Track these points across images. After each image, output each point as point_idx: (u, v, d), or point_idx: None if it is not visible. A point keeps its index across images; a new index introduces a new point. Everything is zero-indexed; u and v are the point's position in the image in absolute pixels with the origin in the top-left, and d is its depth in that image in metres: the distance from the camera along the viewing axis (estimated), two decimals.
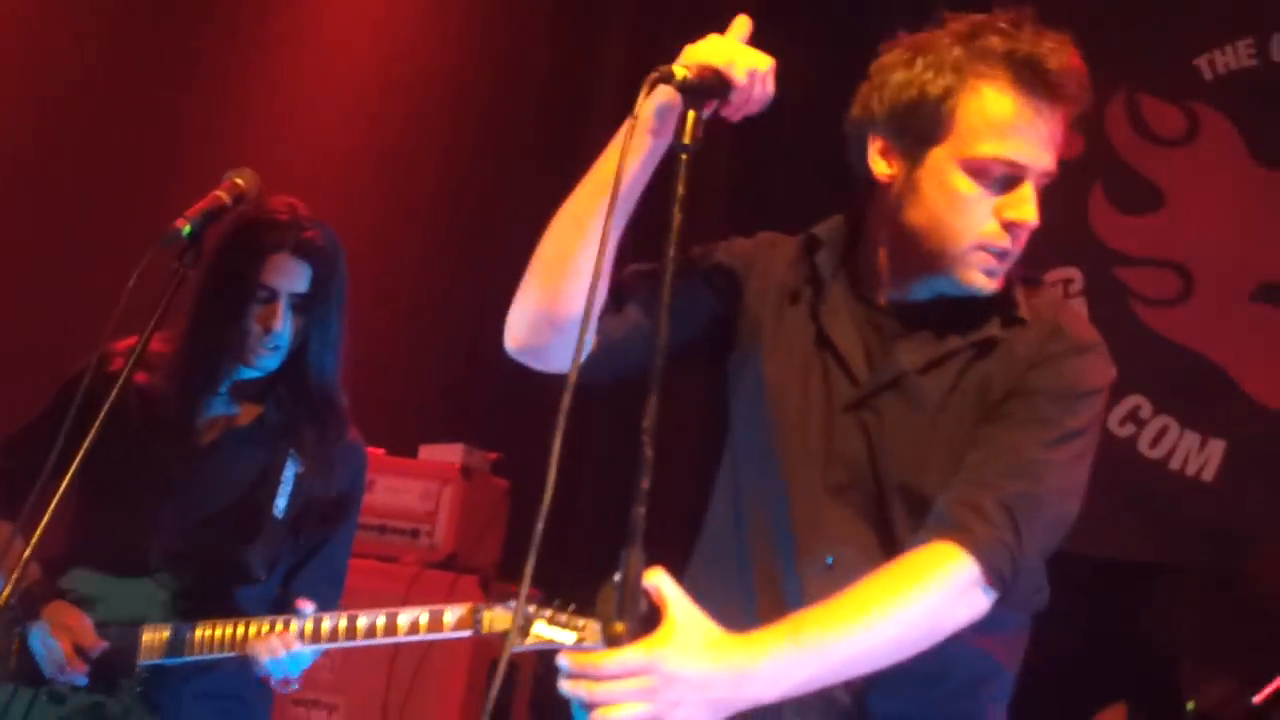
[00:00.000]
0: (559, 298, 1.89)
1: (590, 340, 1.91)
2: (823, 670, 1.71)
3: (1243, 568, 4.00)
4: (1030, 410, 1.88)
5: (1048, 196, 1.95)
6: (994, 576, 1.77)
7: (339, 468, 3.00)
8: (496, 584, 4.39)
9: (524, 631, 2.63)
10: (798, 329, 2.01)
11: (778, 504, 1.97)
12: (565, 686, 1.59)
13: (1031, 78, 1.86)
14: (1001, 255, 1.91)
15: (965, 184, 1.89)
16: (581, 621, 2.65)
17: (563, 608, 2.65)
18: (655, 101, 1.80)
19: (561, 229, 1.91)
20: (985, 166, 1.88)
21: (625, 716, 1.56)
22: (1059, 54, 1.88)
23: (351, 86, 5.42)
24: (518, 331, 1.96)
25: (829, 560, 1.91)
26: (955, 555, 1.77)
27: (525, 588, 1.55)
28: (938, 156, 1.90)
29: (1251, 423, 4.35)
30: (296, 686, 2.83)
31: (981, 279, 1.92)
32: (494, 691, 1.61)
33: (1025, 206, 1.89)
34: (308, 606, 2.76)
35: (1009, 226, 1.90)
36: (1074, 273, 4.59)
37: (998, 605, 1.80)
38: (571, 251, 1.87)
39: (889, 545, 1.88)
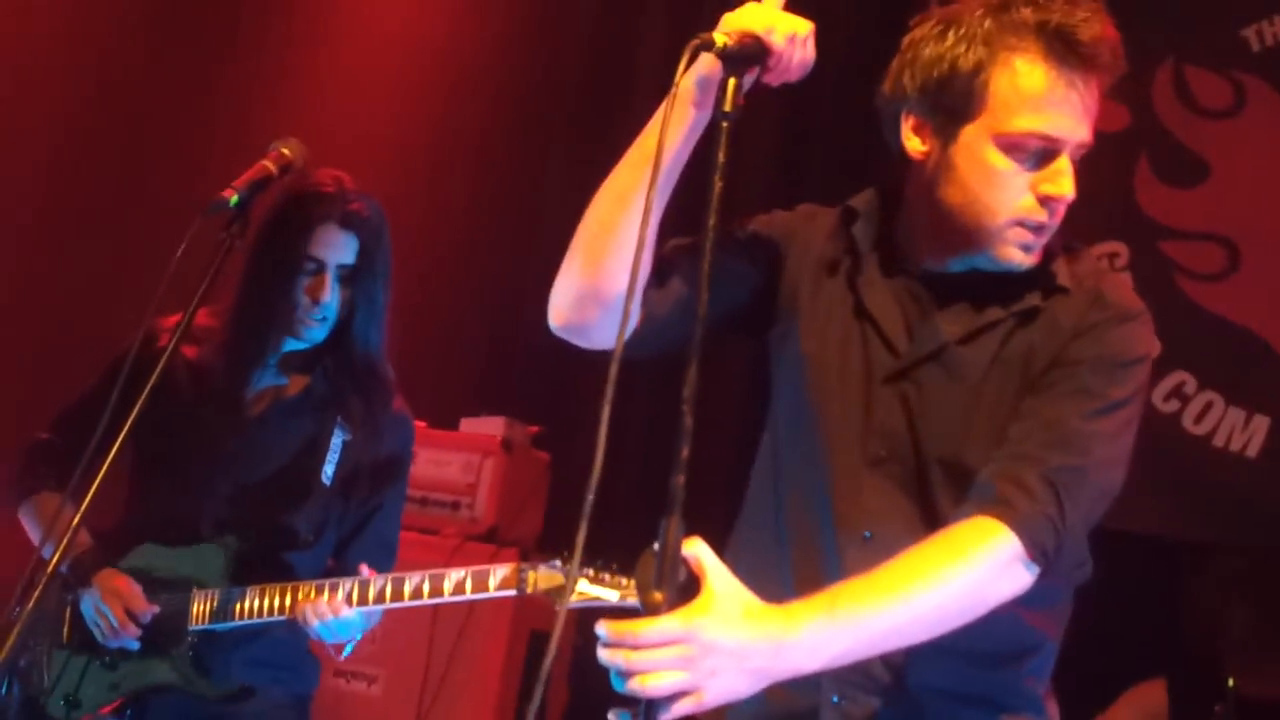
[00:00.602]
0: (602, 273, 1.88)
1: (635, 316, 1.91)
2: (859, 643, 1.70)
3: None
4: (1073, 381, 1.86)
5: (1092, 170, 1.93)
6: (1037, 551, 1.76)
7: (386, 437, 3.02)
8: (536, 557, 4.40)
9: (569, 590, 2.64)
10: (836, 300, 2.01)
11: (817, 477, 1.96)
12: (603, 655, 1.60)
13: (1064, 49, 1.84)
14: (1039, 230, 1.90)
15: (1000, 160, 1.87)
16: (624, 580, 2.66)
17: (605, 566, 2.66)
18: (696, 73, 1.80)
19: (604, 204, 1.90)
20: (1020, 141, 1.86)
21: (662, 685, 1.57)
22: (1091, 23, 1.85)
23: (395, 59, 5.43)
24: (562, 308, 1.95)
25: (867, 534, 1.90)
26: (997, 530, 1.75)
27: (579, 551, 1.55)
28: (971, 133, 1.88)
29: None
30: (349, 652, 2.85)
31: (1019, 255, 1.90)
32: (551, 653, 1.61)
33: (1062, 180, 1.87)
34: (364, 570, 2.78)
35: (1045, 201, 1.88)
36: (1119, 247, 4.55)
37: (1041, 579, 1.79)
38: (615, 226, 1.86)
39: (929, 518, 1.88)
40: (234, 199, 2.29)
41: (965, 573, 1.74)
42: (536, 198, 5.23)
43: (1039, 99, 1.85)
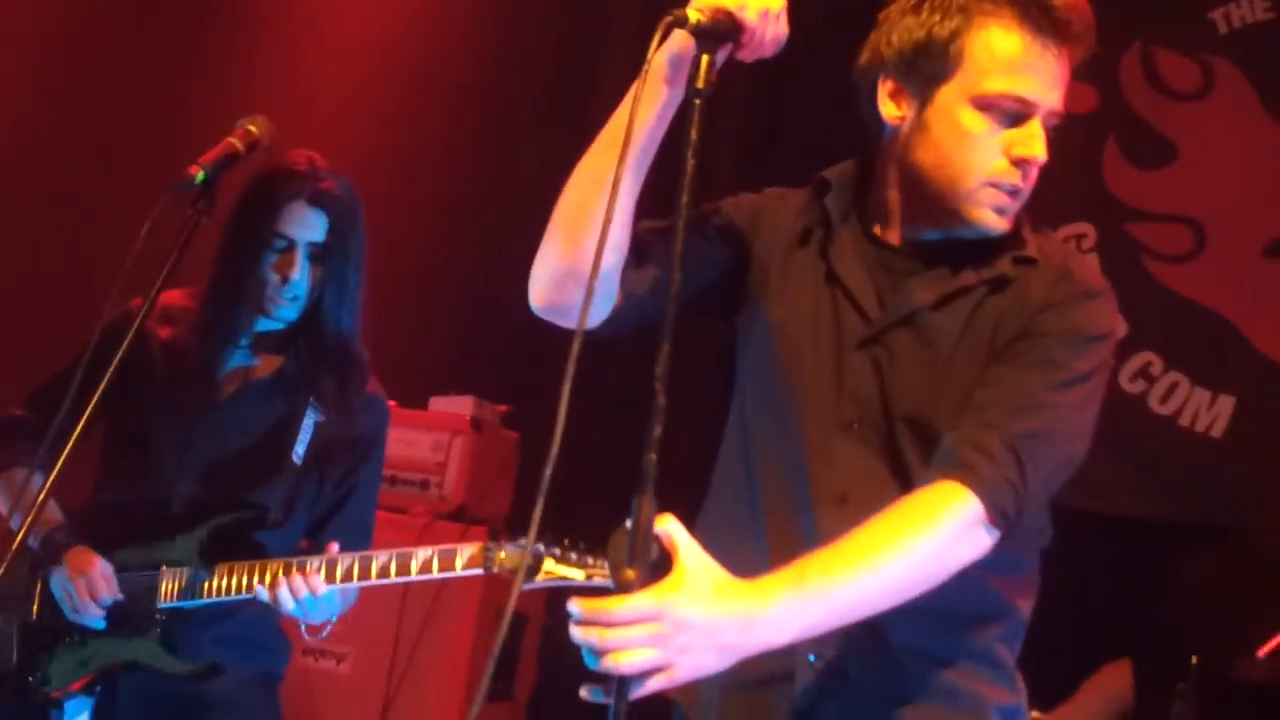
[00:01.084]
0: (581, 253, 1.88)
1: (613, 295, 1.93)
2: (829, 614, 1.72)
3: (1248, 524, 4.00)
4: (1039, 352, 1.89)
5: (1060, 151, 1.95)
6: (997, 514, 1.79)
7: (360, 418, 3.02)
8: (505, 536, 4.41)
9: (534, 570, 2.65)
10: (807, 269, 2.03)
11: (791, 444, 1.98)
12: (575, 633, 1.60)
13: (1038, 14, 1.89)
14: (1012, 193, 1.93)
15: (974, 120, 1.91)
16: (591, 559, 2.67)
17: (572, 546, 2.67)
18: (668, 50, 1.80)
19: (579, 184, 1.91)
20: (994, 102, 1.90)
21: (635, 662, 1.57)
22: None
23: (365, 39, 5.40)
24: (542, 288, 1.95)
25: (843, 498, 1.92)
26: (960, 494, 1.78)
27: (535, 528, 1.55)
28: (947, 95, 1.92)
29: (1262, 380, 4.34)
30: (326, 634, 2.85)
31: (992, 217, 1.93)
32: (504, 627, 1.60)
33: (1034, 142, 1.90)
34: (334, 548, 2.78)
35: (1018, 163, 1.91)
36: (1087, 228, 4.57)
37: (1001, 543, 1.81)
38: (590, 206, 1.86)
39: (902, 481, 1.90)
40: (200, 176, 2.29)
41: (929, 538, 1.76)
42: (506, 176, 5.21)
43: (1013, 62, 1.89)
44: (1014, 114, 1.90)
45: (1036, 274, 1.95)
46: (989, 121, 1.90)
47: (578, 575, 2.68)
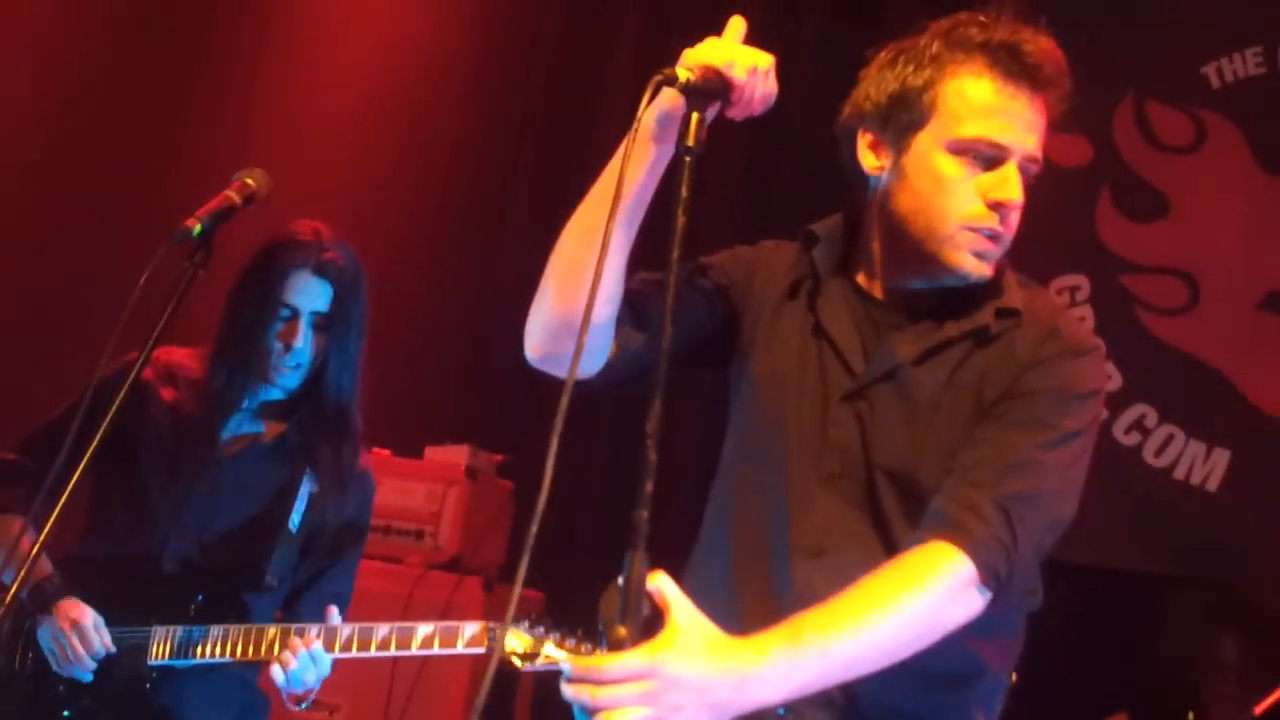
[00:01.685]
0: (573, 306, 1.88)
1: (608, 346, 1.95)
2: (823, 673, 1.71)
3: (1244, 578, 3.99)
4: (1027, 411, 1.89)
5: (1054, 202, 1.96)
6: (989, 576, 1.78)
7: (350, 493, 3.04)
8: (500, 586, 4.39)
9: (533, 655, 2.62)
10: (795, 322, 2.05)
11: (772, 491, 1.99)
12: (567, 691, 1.59)
13: (1009, 60, 1.92)
14: (991, 237, 1.94)
15: (950, 165, 1.93)
16: (589, 647, 2.65)
17: (572, 632, 2.65)
18: (657, 108, 1.82)
19: (571, 239, 1.93)
20: (968, 146, 1.92)
21: None
22: (1035, 40, 1.93)
23: (360, 85, 5.43)
24: (536, 340, 1.97)
25: (819, 551, 1.92)
26: (952, 555, 1.78)
27: (515, 601, 1.54)
28: (922, 141, 1.95)
29: (1257, 433, 4.34)
30: (307, 706, 2.82)
31: (971, 261, 1.94)
32: (480, 703, 1.59)
33: (1009, 186, 1.92)
34: (333, 614, 2.78)
35: (995, 207, 1.93)
36: (1080, 280, 4.59)
37: (991, 606, 1.81)
38: (582, 262, 1.87)
39: (882, 533, 1.91)
40: (197, 229, 2.29)
41: (922, 599, 1.76)
42: (502, 223, 5.23)
43: (986, 107, 1.92)
44: (989, 158, 1.92)
45: (1023, 331, 1.96)
46: (964, 166, 1.93)
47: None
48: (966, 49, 1.93)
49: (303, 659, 2.72)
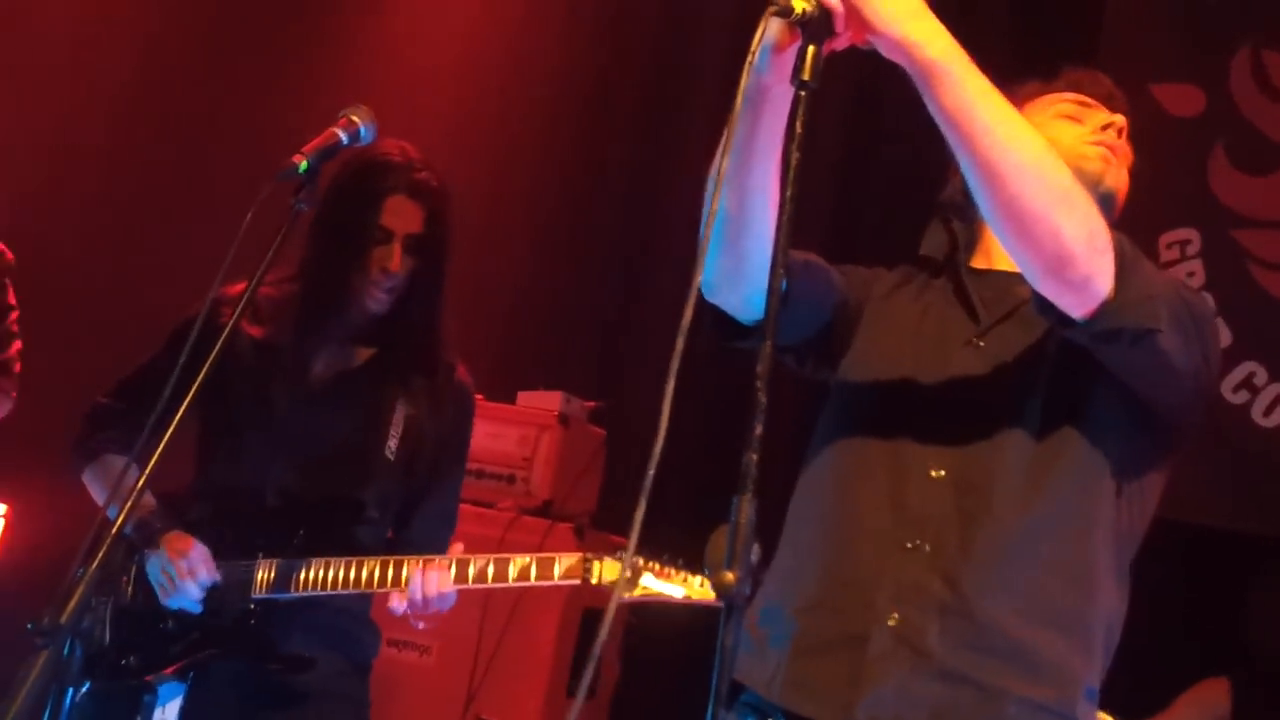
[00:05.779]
0: (730, 256, 1.94)
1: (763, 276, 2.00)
2: (960, 85, 1.75)
3: None
4: None
5: (1164, 155, 1.92)
6: (1114, 255, 1.79)
7: (448, 408, 3.02)
8: (591, 532, 4.40)
9: (632, 583, 2.62)
10: (906, 299, 2.14)
11: (887, 433, 2.02)
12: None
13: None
14: None
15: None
16: (689, 576, 2.65)
17: (670, 561, 2.64)
18: (769, 40, 1.79)
19: (712, 189, 1.94)
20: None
21: None
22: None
23: (465, 27, 5.43)
24: (711, 286, 2.01)
25: (938, 473, 1.95)
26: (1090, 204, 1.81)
27: (635, 537, 1.53)
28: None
29: None
30: (423, 625, 2.83)
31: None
32: (600, 638, 1.58)
33: None
34: (457, 547, 2.79)
35: None
36: (1191, 234, 4.47)
37: (1092, 323, 1.81)
38: (730, 210, 1.91)
39: (999, 454, 1.93)
40: (303, 165, 2.27)
41: (1059, 165, 1.79)
42: (600, 171, 5.20)
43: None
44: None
45: None
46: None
47: (676, 593, 2.65)
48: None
49: (412, 588, 2.72)
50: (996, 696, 1.88)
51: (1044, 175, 1.76)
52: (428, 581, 2.72)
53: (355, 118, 2.40)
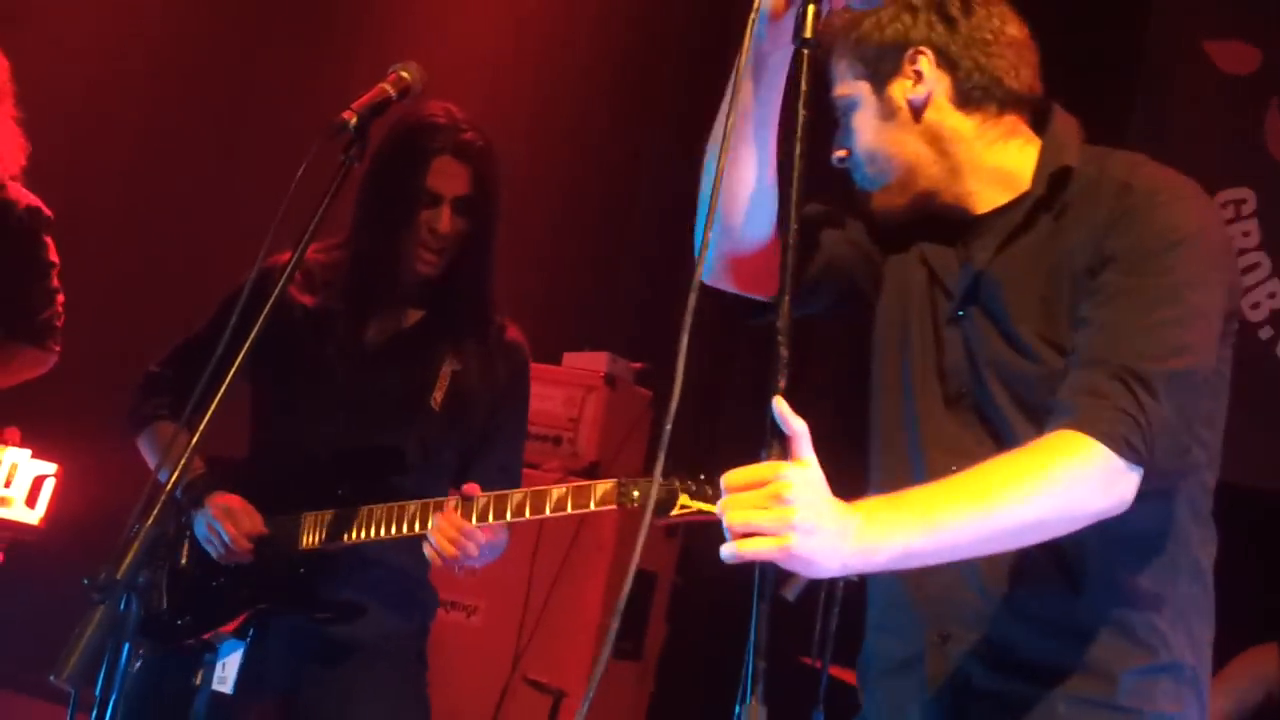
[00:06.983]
0: (731, 217, 1.98)
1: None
2: (929, 536, 1.66)
3: None
4: (1118, 279, 1.82)
5: (1218, 113, 1.87)
6: (1123, 446, 1.71)
7: (499, 366, 3.02)
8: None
9: (668, 505, 2.62)
10: (907, 265, 2.08)
11: (907, 424, 2.01)
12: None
13: None
14: None
15: None
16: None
17: (707, 481, 2.64)
18: (765, 6, 1.79)
19: (711, 158, 1.95)
20: None
21: (747, 521, 1.59)
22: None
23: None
24: (711, 271, 2.06)
25: (954, 468, 1.88)
26: (1078, 441, 1.72)
27: (664, 450, 1.54)
28: None
29: None
30: (466, 569, 2.82)
31: None
32: (636, 557, 1.59)
33: None
34: (474, 490, 2.78)
35: None
36: (1246, 193, 4.39)
37: (1147, 481, 1.74)
38: (731, 178, 1.92)
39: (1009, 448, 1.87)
40: (353, 121, 2.27)
41: (1044, 482, 1.70)
42: (643, 133, 5.19)
43: None
44: None
45: (1098, 193, 1.89)
46: None
47: (714, 509, 2.65)
48: None
49: (445, 531, 2.72)
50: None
51: (1046, 511, 1.70)
52: (471, 534, 2.72)
53: (405, 74, 2.38)
